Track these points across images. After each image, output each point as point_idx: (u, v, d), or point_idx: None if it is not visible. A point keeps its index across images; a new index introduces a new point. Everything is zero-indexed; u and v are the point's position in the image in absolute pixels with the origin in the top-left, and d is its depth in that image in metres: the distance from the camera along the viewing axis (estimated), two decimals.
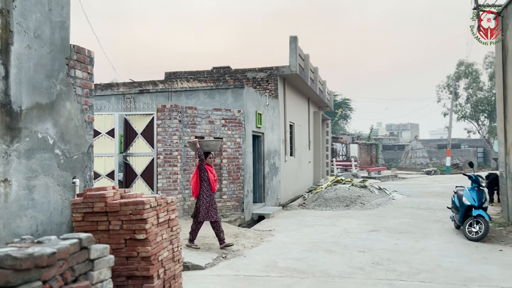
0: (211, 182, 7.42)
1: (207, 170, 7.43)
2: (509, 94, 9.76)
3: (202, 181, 7.38)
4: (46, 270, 2.56)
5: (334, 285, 5.39)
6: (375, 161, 38.67)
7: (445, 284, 5.39)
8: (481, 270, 5.98)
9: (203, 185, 7.37)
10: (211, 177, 7.45)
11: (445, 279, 5.57)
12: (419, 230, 9.04)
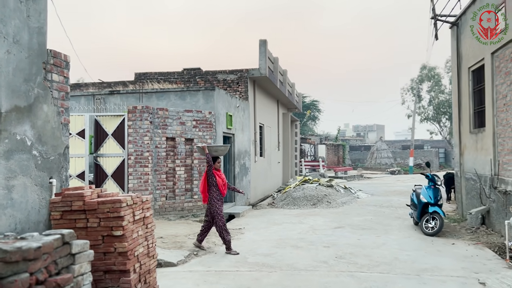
0: (219, 186, 7.42)
1: (215, 175, 7.44)
2: (463, 99, 10.47)
3: (210, 186, 7.39)
4: (33, 263, 2.76)
5: (300, 277, 5.76)
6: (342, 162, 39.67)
7: (401, 274, 5.86)
8: (434, 262, 6.50)
9: (212, 190, 7.39)
10: (219, 181, 7.44)
11: (402, 270, 6.05)
12: (381, 227, 9.57)
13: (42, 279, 2.85)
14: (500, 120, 8.23)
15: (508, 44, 7.70)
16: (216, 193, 7.41)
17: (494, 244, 7.55)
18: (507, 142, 7.86)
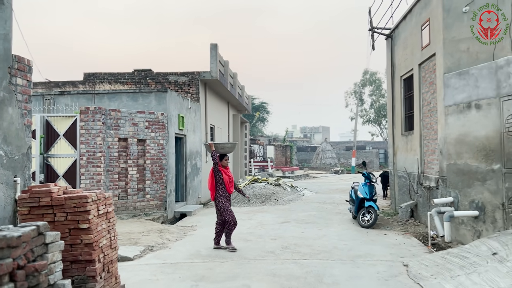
0: (226, 183, 7.50)
1: (222, 172, 7.53)
2: (396, 105, 11.59)
3: (217, 183, 7.49)
4: (15, 250, 3.12)
5: (249, 265, 6.34)
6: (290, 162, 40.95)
7: (338, 260, 6.62)
8: (367, 249, 7.35)
9: (218, 187, 7.48)
10: (226, 178, 7.52)
11: (339, 257, 6.82)
12: (323, 221, 10.40)
13: (22, 264, 3.20)
14: (425, 124, 9.31)
15: (432, 58, 8.79)
16: (222, 190, 7.49)
17: (419, 233, 8.58)
18: (431, 144, 8.94)
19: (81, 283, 4.30)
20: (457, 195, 7.50)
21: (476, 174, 7.08)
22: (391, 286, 5.33)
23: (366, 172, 10.16)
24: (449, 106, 7.72)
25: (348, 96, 47.77)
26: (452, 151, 7.63)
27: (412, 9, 9.97)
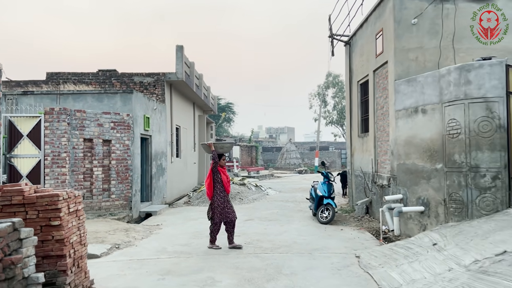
0: (224, 183, 7.56)
1: (220, 172, 7.58)
2: (353, 108, 12.27)
3: (215, 183, 7.53)
4: None
5: (214, 260, 6.71)
6: (255, 162, 41.48)
7: (297, 253, 7.09)
8: (324, 243, 7.88)
9: (216, 187, 7.52)
10: (224, 178, 7.58)
11: (298, 250, 7.30)
12: (285, 218, 10.90)
13: (0, 257, 3.44)
14: (379, 127, 9.99)
15: (384, 65, 9.46)
16: (220, 189, 7.55)
17: (373, 228, 9.21)
18: (383, 145, 9.61)
19: (52, 277, 4.53)
20: (405, 192, 8.16)
21: (422, 173, 7.75)
22: (343, 275, 5.85)
23: (325, 172, 10.75)
24: (399, 110, 8.39)
25: (312, 97, 48.80)
26: (402, 152, 8.29)
27: (367, 18, 10.64)
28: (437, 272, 5.23)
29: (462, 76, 6.96)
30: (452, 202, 7.07)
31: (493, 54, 8.37)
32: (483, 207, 6.74)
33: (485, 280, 4.56)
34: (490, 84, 6.75)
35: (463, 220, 6.83)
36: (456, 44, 8.61)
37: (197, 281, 5.57)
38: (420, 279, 5.20)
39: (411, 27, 8.69)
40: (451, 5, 8.69)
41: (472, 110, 6.85)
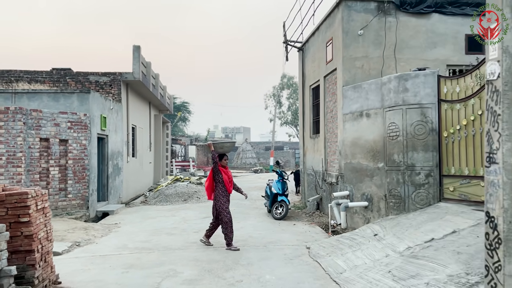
0: (226, 183, 7.54)
1: (221, 172, 7.54)
2: (306, 111, 12.99)
3: (217, 183, 7.52)
4: None
5: (174, 254, 7.08)
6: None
7: (253, 246, 7.62)
8: (278, 237, 8.46)
9: (218, 187, 7.50)
10: (225, 178, 7.55)
11: (254, 244, 7.82)
12: (241, 215, 11.41)
13: None
14: (329, 129, 10.73)
15: (334, 72, 10.20)
16: (222, 189, 7.53)
17: (323, 223, 9.92)
18: (332, 145, 10.36)
19: (21, 271, 4.75)
20: (352, 189, 8.92)
21: (366, 171, 8.53)
22: (294, 264, 6.43)
23: (280, 171, 11.37)
24: (346, 114, 9.14)
25: (267, 98, 49.68)
26: (348, 152, 9.04)
27: (319, 27, 11.37)
28: (376, 258, 5.93)
29: (401, 84, 7.78)
30: (391, 197, 7.87)
31: (428, 64, 9.35)
32: (418, 202, 7.59)
33: (415, 263, 5.29)
34: (425, 92, 7.60)
35: (401, 213, 7.64)
36: (397, 54, 9.50)
37: (160, 273, 5.95)
38: (361, 264, 5.88)
39: (358, 37, 9.47)
40: (393, 18, 9.57)
41: (409, 115, 7.68)
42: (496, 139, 3.52)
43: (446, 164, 7.46)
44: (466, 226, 5.94)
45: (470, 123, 6.94)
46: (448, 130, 7.38)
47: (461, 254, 5.06)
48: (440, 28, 9.71)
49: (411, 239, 6.15)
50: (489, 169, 3.61)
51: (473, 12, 9.70)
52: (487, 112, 3.66)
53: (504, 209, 3.43)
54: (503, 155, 3.46)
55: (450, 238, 5.70)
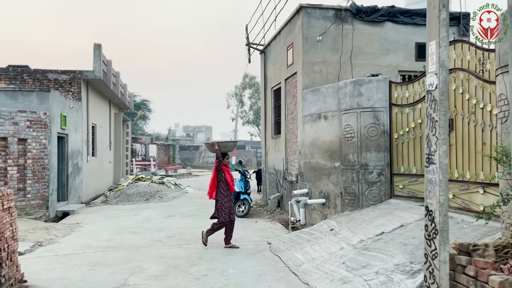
0: (228, 182, 7.54)
1: (224, 171, 7.56)
2: (268, 112, 13.40)
3: (219, 182, 7.50)
4: None
5: (139, 252, 7.24)
6: (172, 161, 41.44)
7: (216, 243, 7.89)
8: (241, 234, 8.78)
9: (220, 186, 7.49)
10: (228, 177, 7.56)
11: (218, 240, 8.08)
12: (204, 214, 11.61)
13: None
14: (289, 130, 11.18)
15: (294, 75, 10.65)
16: (224, 189, 7.52)
17: (283, 220, 10.35)
18: (293, 146, 10.81)
19: None
20: (310, 187, 9.39)
21: (324, 170, 9.02)
22: (256, 258, 6.78)
23: (242, 170, 11.70)
24: (306, 116, 9.60)
25: (229, 97, 49.91)
26: (308, 152, 9.51)
27: (280, 32, 11.79)
28: (332, 251, 6.38)
29: (356, 89, 8.31)
30: (347, 194, 8.40)
31: (381, 70, 9.99)
32: (371, 198, 8.15)
33: (366, 255, 5.78)
34: (377, 96, 8.17)
35: (355, 210, 8.17)
36: (353, 60, 10.08)
37: (126, 270, 6.11)
38: (318, 257, 6.32)
39: (317, 43, 9.96)
40: (350, 26, 10.14)
41: (363, 118, 8.22)
42: (434, 142, 4.01)
43: (396, 164, 8.06)
44: (413, 220, 6.51)
45: (417, 125, 7.55)
46: (398, 132, 7.98)
47: (407, 245, 5.59)
48: (393, 36, 10.38)
49: (363, 233, 6.65)
50: (428, 168, 4.10)
51: (423, 22, 10.46)
52: (426, 118, 4.15)
53: (440, 204, 3.93)
54: (440, 157, 3.95)
55: (398, 231, 6.25)
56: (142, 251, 7.31)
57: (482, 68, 5.77)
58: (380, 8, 10.33)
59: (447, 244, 3.94)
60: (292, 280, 5.66)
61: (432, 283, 3.97)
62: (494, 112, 5.52)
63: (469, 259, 4.01)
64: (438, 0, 3.94)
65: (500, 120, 4.48)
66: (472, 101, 5.96)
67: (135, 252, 7.27)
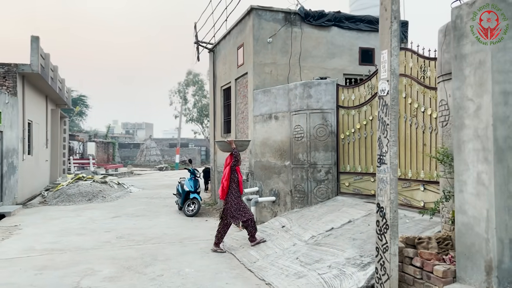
0: (240, 183, 7.26)
1: (237, 172, 7.25)
2: (217, 110, 13.44)
3: (231, 182, 7.16)
4: None
5: (88, 254, 7.02)
6: (112, 159, 40.01)
7: (168, 243, 7.85)
8: (192, 233, 8.79)
9: (232, 186, 7.16)
10: (240, 178, 7.29)
11: (169, 240, 8.06)
12: (152, 213, 11.46)
13: None
14: (239, 129, 11.31)
15: (245, 75, 10.79)
16: (235, 189, 7.22)
17: None
18: None
19: None
20: (261, 185, 9.60)
21: (274, 169, 9.26)
22: (211, 256, 6.85)
23: (192, 168, 11.66)
24: (257, 116, 9.78)
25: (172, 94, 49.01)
26: (258, 151, 9.70)
27: (230, 31, 11.88)
28: (285, 247, 6.61)
29: (305, 91, 8.62)
30: (296, 192, 8.70)
31: (328, 73, 10.43)
32: (319, 196, 8.51)
33: (318, 250, 6.06)
34: (326, 98, 8.54)
35: (305, 207, 8.49)
36: (302, 62, 10.41)
37: (77, 272, 5.91)
38: (272, 253, 6.52)
39: (267, 45, 10.18)
40: (299, 29, 10.46)
41: (312, 119, 8.56)
42: (385, 144, 4.34)
43: (342, 162, 8.48)
44: (360, 216, 6.91)
45: (362, 127, 8.00)
46: (344, 133, 8.40)
47: (356, 240, 5.95)
48: (339, 41, 10.86)
49: (314, 229, 6.95)
50: (379, 168, 4.42)
51: (366, 28, 11.05)
52: (378, 122, 4.46)
53: (391, 201, 4.26)
54: (390, 157, 4.28)
55: (347, 227, 6.61)
56: (91, 253, 7.08)
57: (423, 74, 6.26)
58: (327, 13, 10.76)
59: (397, 238, 4.28)
60: (248, 276, 5.81)
61: (383, 275, 4.30)
62: (434, 115, 6.03)
63: (415, 251, 4.39)
64: (390, 13, 4.26)
65: (441, 124, 4.92)
66: (414, 105, 6.45)
67: (84, 254, 7.03)
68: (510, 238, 3.54)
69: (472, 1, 3.77)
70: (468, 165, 3.78)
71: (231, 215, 7.20)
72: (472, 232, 3.74)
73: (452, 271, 3.93)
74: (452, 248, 4.42)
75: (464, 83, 3.84)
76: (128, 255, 6.96)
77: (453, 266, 3.97)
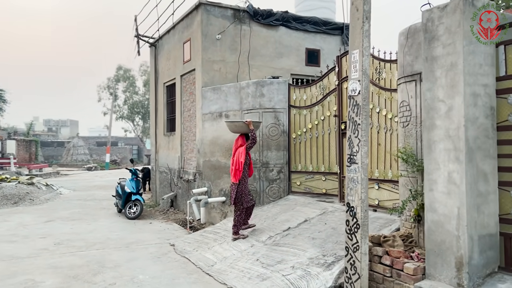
0: (251, 166, 7.08)
1: (249, 155, 6.99)
2: (159, 108, 12.90)
3: (244, 165, 6.84)
4: None
5: (25, 263, 6.32)
6: (35, 158, 37.07)
7: (114, 248, 7.33)
8: (138, 237, 8.30)
9: (245, 169, 6.86)
10: (251, 162, 7.12)
11: (114, 245, 7.53)
12: (89, 217, 10.69)
13: None
14: (186, 127, 10.94)
15: (192, 72, 10.45)
16: (247, 173, 6.97)
17: (179, 219, 10.09)
18: (189, 144, 10.62)
19: None
20: (210, 185, 9.34)
21: (224, 169, 9.05)
22: (164, 261, 6.49)
23: (133, 169, 11.06)
24: (206, 114, 9.51)
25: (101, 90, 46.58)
26: (207, 150, 9.44)
27: (175, 26, 11.45)
28: (243, 249, 6.46)
29: (258, 90, 8.53)
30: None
31: (276, 72, 10.45)
32: (271, 195, 8.47)
33: (278, 250, 5.98)
34: (278, 98, 8.51)
35: (257, 206, 8.39)
36: (250, 61, 10.31)
37: (16, 285, 5.27)
38: (230, 256, 6.33)
39: (216, 41, 9.94)
40: (247, 27, 10.35)
41: (265, 118, 8.49)
42: (356, 144, 4.36)
43: (294, 162, 8.52)
44: (315, 215, 6.96)
45: (314, 126, 8.09)
46: (296, 132, 8.45)
47: (316, 239, 5.96)
48: (286, 40, 10.92)
49: (270, 229, 6.88)
50: (350, 168, 4.43)
51: (312, 29, 11.23)
52: (349, 121, 4.47)
53: (362, 200, 4.28)
54: (361, 157, 4.30)
55: (304, 226, 6.62)
56: (28, 262, 6.38)
57: (378, 76, 6.45)
58: (275, 13, 10.77)
59: (367, 237, 4.31)
60: (208, 280, 5.57)
61: (353, 274, 4.31)
62: (389, 116, 6.22)
63: (384, 249, 4.46)
64: (362, 13, 4.28)
65: (402, 124, 5.07)
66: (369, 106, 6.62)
67: (19, 263, 6.32)
68: (479, 235, 3.71)
69: (444, 4, 3.89)
70: (439, 165, 3.90)
71: (246, 199, 6.92)
72: (442, 230, 3.86)
73: (422, 268, 4.04)
74: (416, 246, 4.56)
75: (435, 85, 3.96)
76: (72, 262, 6.37)
77: (422, 263, 4.09)
